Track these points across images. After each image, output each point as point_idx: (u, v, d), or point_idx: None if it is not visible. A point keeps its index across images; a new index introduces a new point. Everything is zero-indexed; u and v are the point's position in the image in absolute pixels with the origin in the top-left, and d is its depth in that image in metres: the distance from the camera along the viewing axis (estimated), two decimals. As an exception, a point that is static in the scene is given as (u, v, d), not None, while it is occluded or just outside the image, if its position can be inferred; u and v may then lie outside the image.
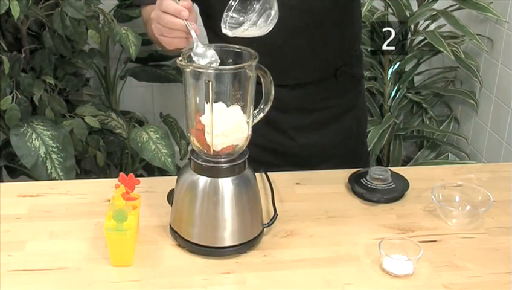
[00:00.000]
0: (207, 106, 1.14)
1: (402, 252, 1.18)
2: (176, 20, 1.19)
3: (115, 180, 1.23)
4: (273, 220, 1.28)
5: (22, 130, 2.11)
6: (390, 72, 2.75)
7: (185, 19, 1.18)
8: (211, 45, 1.20)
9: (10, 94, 2.13)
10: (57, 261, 1.19)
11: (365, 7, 2.43)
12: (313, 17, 1.45)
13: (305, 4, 1.42)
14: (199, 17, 1.48)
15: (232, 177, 1.19)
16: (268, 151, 1.59)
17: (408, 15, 2.62)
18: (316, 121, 1.60)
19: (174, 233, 1.24)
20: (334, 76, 1.57)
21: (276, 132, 1.59)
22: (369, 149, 2.29)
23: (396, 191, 1.41)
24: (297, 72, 1.52)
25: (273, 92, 1.22)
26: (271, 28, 1.15)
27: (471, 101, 2.77)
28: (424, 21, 2.72)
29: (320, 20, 1.46)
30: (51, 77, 2.23)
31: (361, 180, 1.43)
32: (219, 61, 1.17)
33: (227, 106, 1.17)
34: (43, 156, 2.07)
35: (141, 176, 2.45)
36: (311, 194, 1.44)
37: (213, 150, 1.17)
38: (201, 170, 1.19)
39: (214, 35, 1.48)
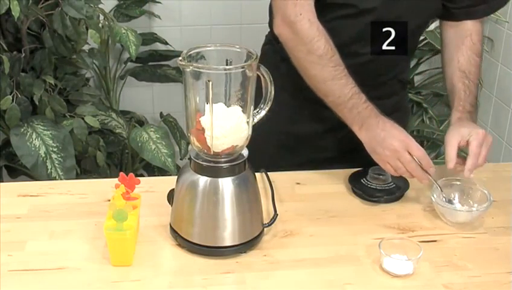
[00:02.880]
0: (207, 106, 1.14)
1: (402, 252, 1.18)
2: (419, 171, 1.35)
3: (115, 180, 1.23)
4: (273, 220, 1.28)
5: (22, 130, 2.11)
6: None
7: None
8: (209, 44, 1.21)
9: (10, 94, 2.13)
10: (57, 261, 1.19)
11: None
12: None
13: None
14: None
15: (232, 177, 1.19)
16: (305, 144, 1.62)
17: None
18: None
19: (174, 233, 1.24)
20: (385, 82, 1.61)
21: (318, 125, 1.60)
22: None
23: (397, 191, 1.41)
24: (363, 76, 1.48)
25: (272, 92, 1.22)
26: None
27: (471, 101, 2.77)
28: (424, 21, 2.72)
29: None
30: (51, 76, 2.23)
31: (362, 180, 1.43)
32: None
33: (227, 106, 1.17)
34: (43, 155, 2.07)
35: (141, 175, 2.45)
36: (311, 194, 1.44)
37: (213, 151, 1.17)
38: (202, 170, 1.19)
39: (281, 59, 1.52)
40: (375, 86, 1.54)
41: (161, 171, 2.37)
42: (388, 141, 1.35)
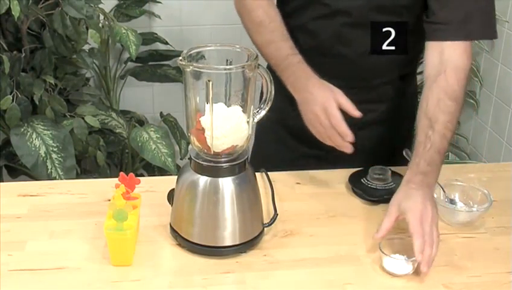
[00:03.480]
0: (207, 106, 1.14)
1: (402, 252, 1.18)
2: (336, 138, 1.34)
3: (115, 180, 1.23)
4: (273, 219, 1.28)
5: (22, 129, 2.11)
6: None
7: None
8: (209, 44, 1.21)
9: (10, 94, 2.13)
10: (57, 260, 1.19)
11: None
12: None
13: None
14: None
15: (233, 177, 1.19)
16: (301, 141, 1.59)
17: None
18: (351, 122, 1.59)
19: (174, 233, 1.24)
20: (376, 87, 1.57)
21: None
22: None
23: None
24: (344, 77, 1.49)
25: (273, 92, 1.22)
26: None
27: (472, 101, 2.77)
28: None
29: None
30: (51, 76, 2.23)
31: (362, 180, 1.43)
32: None
33: (228, 106, 1.17)
34: (44, 155, 2.07)
35: (141, 175, 2.45)
36: (311, 194, 1.44)
37: (213, 151, 1.17)
38: (202, 170, 1.19)
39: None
40: (365, 89, 1.53)
41: (161, 171, 2.37)
42: (311, 105, 1.35)
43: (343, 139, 1.34)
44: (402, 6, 1.42)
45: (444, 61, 1.34)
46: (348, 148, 1.34)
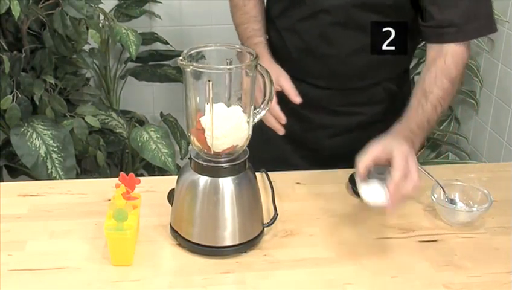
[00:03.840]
0: (207, 106, 1.14)
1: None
2: (271, 119, 1.42)
3: (115, 180, 1.23)
4: (273, 219, 1.28)
5: (22, 129, 2.11)
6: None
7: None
8: (210, 44, 1.21)
9: (10, 94, 2.13)
10: (57, 260, 1.19)
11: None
12: (364, 39, 1.46)
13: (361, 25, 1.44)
14: None
15: (233, 177, 1.19)
16: (287, 141, 1.60)
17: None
18: (339, 124, 1.59)
19: (175, 233, 1.24)
20: (364, 88, 1.56)
21: (299, 125, 1.59)
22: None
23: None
24: (326, 78, 1.52)
25: (273, 92, 1.22)
26: None
27: (472, 101, 2.77)
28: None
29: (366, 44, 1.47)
30: (51, 76, 2.23)
31: (362, 180, 1.43)
32: None
33: (228, 106, 1.17)
34: (44, 155, 2.07)
35: (141, 175, 2.45)
36: (311, 194, 1.44)
37: (213, 151, 1.17)
38: (202, 170, 1.19)
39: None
40: (353, 90, 1.54)
41: (161, 171, 2.37)
42: (259, 86, 1.34)
43: (277, 121, 1.42)
44: (388, 6, 1.42)
45: (442, 49, 1.39)
46: (281, 131, 1.43)
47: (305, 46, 1.50)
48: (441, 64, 1.37)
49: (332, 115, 1.58)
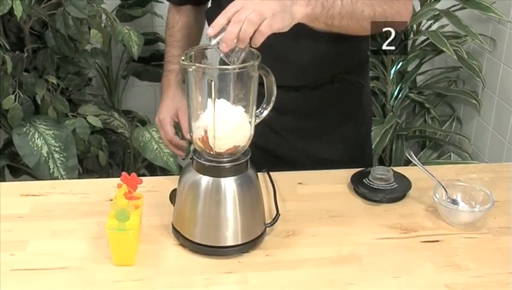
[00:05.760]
0: (209, 106, 1.14)
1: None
2: (172, 147, 1.57)
3: (117, 180, 1.23)
4: (275, 219, 1.28)
5: (25, 129, 2.11)
6: (392, 72, 2.75)
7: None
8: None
9: (13, 93, 2.13)
10: (59, 260, 1.19)
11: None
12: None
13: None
14: None
15: (235, 177, 1.19)
16: (263, 151, 1.58)
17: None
18: (313, 126, 1.58)
19: (176, 233, 1.24)
20: (331, 82, 1.54)
21: (271, 132, 1.58)
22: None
23: (399, 191, 1.41)
24: (291, 74, 1.49)
25: (275, 92, 1.22)
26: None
27: (474, 101, 2.77)
28: (427, 21, 2.72)
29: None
30: (53, 76, 2.23)
31: (364, 180, 1.43)
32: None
33: (230, 106, 1.17)
34: (46, 155, 2.07)
35: (143, 175, 2.45)
36: (313, 194, 1.44)
37: (215, 151, 1.17)
38: (204, 170, 1.19)
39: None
40: (321, 88, 1.53)
41: (163, 171, 2.37)
42: (157, 114, 1.60)
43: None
44: None
45: None
46: (182, 155, 1.59)
47: (261, 47, 1.44)
48: None
49: (301, 118, 1.57)
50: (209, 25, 1.45)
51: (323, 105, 1.56)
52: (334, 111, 1.58)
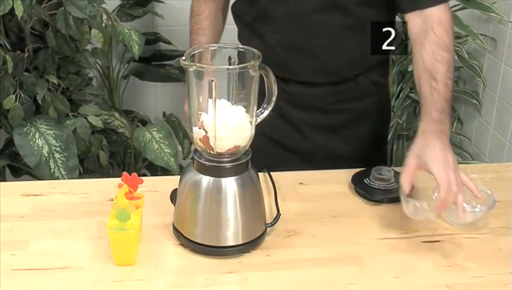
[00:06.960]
0: (210, 106, 1.14)
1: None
2: None
3: (118, 180, 1.23)
4: (276, 219, 1.28)
5: (25, 129, 2.11)
6: (393, 72, 2.75)
7: None
8: (215, 44, 1.21)
9: (13, 93, 2.13)
10: (59, 260, 1.19)
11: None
12: (344, 19, 1.44)
13: (337, 5, 1.42)
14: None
15: (235, 177, 1.19)
16: (278, 145, 1.59)
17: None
18: (331, 123, 1.59)
19: (177, 233, 1.24)
20: (353, 80, 1.55)
21: (289, 127, 1.58)
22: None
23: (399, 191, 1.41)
24: (315, 71, 1.51)
25: (276, 92, 1.22)
26: None
27: (475, 101, 2.77)
28: (428, 21, 2.71)
29: (348, 25, 1.45)
30: (54, 76, 2.23)
31: (365, 180, 1.43)
32: None
33: (230, 106, 1.17)
34: (46, 155, 2.07)
35: (144, 175, 2.45)
36: (314, 194, 1.44)
37: (216, 151, 1.17)
38: (205, 170, 1.19)
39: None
40: (342, 85, 1.54)
41: (164, 171, 2.37)
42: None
43: None
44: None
45: (427, 20, 1.37)
46: None
47: (289, 43, 1.47)
48: (433, 38, 1.35)
49: (321, 114, 1.57)
50: (235, 20, 1.51)
51: (344, 102, 1.56)
52: (354, 108, 1.58)
